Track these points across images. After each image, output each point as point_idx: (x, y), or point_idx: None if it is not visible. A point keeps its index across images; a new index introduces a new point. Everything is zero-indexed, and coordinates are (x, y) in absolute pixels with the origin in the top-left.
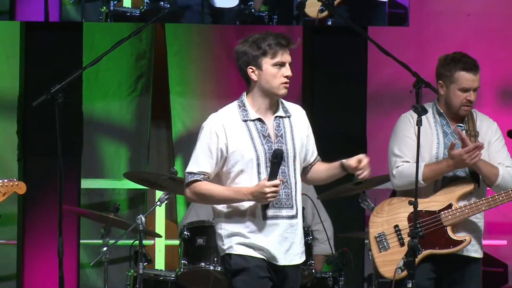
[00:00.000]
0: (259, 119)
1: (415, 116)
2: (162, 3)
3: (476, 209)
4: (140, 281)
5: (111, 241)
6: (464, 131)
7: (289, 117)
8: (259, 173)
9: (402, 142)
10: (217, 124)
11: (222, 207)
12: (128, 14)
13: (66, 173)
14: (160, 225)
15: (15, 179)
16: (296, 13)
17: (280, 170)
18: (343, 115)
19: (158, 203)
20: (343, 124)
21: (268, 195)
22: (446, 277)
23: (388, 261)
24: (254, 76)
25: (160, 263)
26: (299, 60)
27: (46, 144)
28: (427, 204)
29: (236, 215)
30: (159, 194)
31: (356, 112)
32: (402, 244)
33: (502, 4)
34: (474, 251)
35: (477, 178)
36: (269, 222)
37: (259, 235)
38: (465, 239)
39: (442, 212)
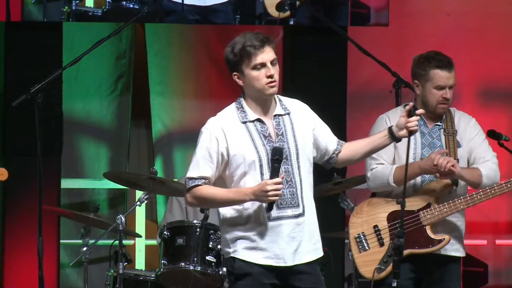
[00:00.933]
0: (259, 120)
1: (392, 117)
2: (124, 2)
3: (454, 208)
4: (120, 281)
5: (91, 241)
6: (442, 130)
7: (288, 114)
8: (262, 174)
9: None
10: (216, 128)
11: (227, 212)
12: (90, 13)
13: (46, 173)
14: (140, 225)
15: None
16: (259, 12)
17: (283, 169)
18: (323, 114)
19: (138, 203)
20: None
21: (270, 193)
22: (426, 276)
23: (368, 261)
24: (240, 82)
25: (140, 263)
26: (279, 61)
27: (26, 144)
28: (406, 203)
29: (241, 219)
30: (139, 194)
31: (336, 111)
32: (381, 244)
33: (482, 4)
34: (454, 250)
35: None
36: (274, 223)
37: (266, 238)
38: (444, 238)
39: (421, 212)
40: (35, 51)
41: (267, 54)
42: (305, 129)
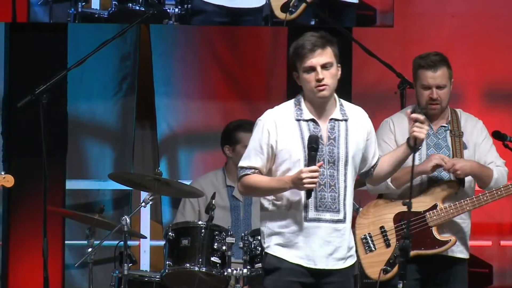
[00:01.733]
0: (313, 120)
1: (396, 120)
2: (130, 4)
3: (460, 209)
4: (125, 282)
5: (96, 242)
6: (448, 131)
7: (346, 120)
8: None
9: (379, 147)
10: (270, 120)
11: (268, 206)
12: (96, 15)
13: (51, 174)
14: (145, 226)
15: (2, 172)
16: (265, 14)
17: (328, 173)
18: None
19: (143, 204)
20: None
21: (306, 180)
22: (432, 277)
23: (375, 262)
24: (298, 81)
25: (145, 264)
26: (284, 62)
27: (31, 145)
28: (413, 204)
29: (279, 215)
30: (144, 195)
31: None
32: (388, 245)
33: (486, 5)
34: (459, 251)
35: (462, 179)
36: (310, 224)
37: (300, 237)
38: (450, 240)
39: (427, 213)
40: (40, 52)
41: (316, 58)
42: (359, 138)
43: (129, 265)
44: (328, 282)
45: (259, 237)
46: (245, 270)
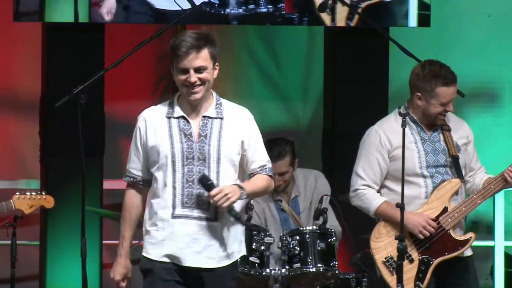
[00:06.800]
0: (183, 117)
1: (387, 127)
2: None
3: (472, 205)
4: None
5: (134, 242)
6: (440, 131)
7: (221, 118)
8: (174, 171)
9: (368, 163)
10: (141, 119)
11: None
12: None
13: (89, 174)
14: None
15: (43, 193)
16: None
17: (198, 170)
18: (364, 116)
19: None
20: (365, 126)
21: (220, 202)
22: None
23: (404, 281)
24: (173, 76)
25: None
26: (321, 61)
27: (68, 145)
28: (422, 213)
29: (151, 214)
30: None
31: (378, 113)
32: (411, 261)
33: None
34: (469, 250)
35: (460, 173)
36: (177, 221)
37: (166, 234)
38: (470, 237)
39: (441, 217)
40: (77, 52)
41: (190, 61)
42: (236, 137)
43: None
44: (202, 282)
45: (297, 237)
46: (283, 270)
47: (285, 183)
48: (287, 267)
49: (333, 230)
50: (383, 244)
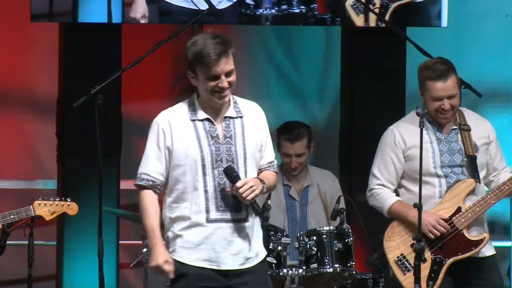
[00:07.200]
0: (208, 119)
1: (403, 128)
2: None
3: (486, 205)
4: None
5: (135, 242)
6: (459, 132)
7: (241, 117)
8: (204, 174)
9: (383, 163)
10: (164, 121)
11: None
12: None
13: (105, 174)
14: None
15: (68, 199)
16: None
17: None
18: (381, 116)
19: None
20: (382, 126)
21: (244, 194)
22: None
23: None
24: (193, 82)
25: None
26: (337, 62)
27: (85, 145)
28: (440, 214)
29: (182, 218)
30: None
31: (395, 113)
32: (424, 261)
33: None
34: (489, 249)
35: (476, 173)
36: (212, 225)
37: (202, 238)
38: (484, 237)
39: (454, 217)
40: (94, 52)
41: (221, 67)
42: (257, 134)
43: None
44: (240, 283)
45: (314, 238)
46: (300, 271)
47: (301, 166)
48: (304, 267)
49: (350, 230)
50: (395, 244)
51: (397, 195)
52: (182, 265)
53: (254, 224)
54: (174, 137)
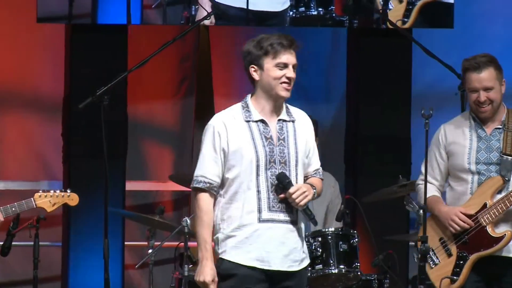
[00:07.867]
0: (262, 121)
1: (448, 128)
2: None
3: (508, 201)
4: (185, 283)
5: (156, 243)
6: (503, 132)
7: (293, 121)
8: (258, 175)
9: (429, 158)
10: (219, 123)
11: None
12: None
13: (111, 175)
14: None
15: (68, 191)
16: (377, 16)
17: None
18: (387, 116)
19: None
20: (388, 125)
21: (297, 199)
22: (495, 281)
23: (442, 274)
24: (256, 76)
25: None
26: (343, 62)
27: (90, 146)
28: (464, 209)
29: (234, 218)
30: None
31: (401, 113)
32: (450, 255)
33: None
34: None
35: (508, 172)
36: (264, 225)
37: (253, 238)
38: (505, 234)
39: (479, 213)
40: (100, 53)
41: (292, 57)
42: (304, 140)
43: (189, 266)
44: (285, 286)
45: (319, 239)
46: None
47: None
48: (309, 268)
49: (355, 232)
50: (428, 237)
51: (444, 191)
52: (232, 264)
53: (302, 227)
54: (230, 138)
